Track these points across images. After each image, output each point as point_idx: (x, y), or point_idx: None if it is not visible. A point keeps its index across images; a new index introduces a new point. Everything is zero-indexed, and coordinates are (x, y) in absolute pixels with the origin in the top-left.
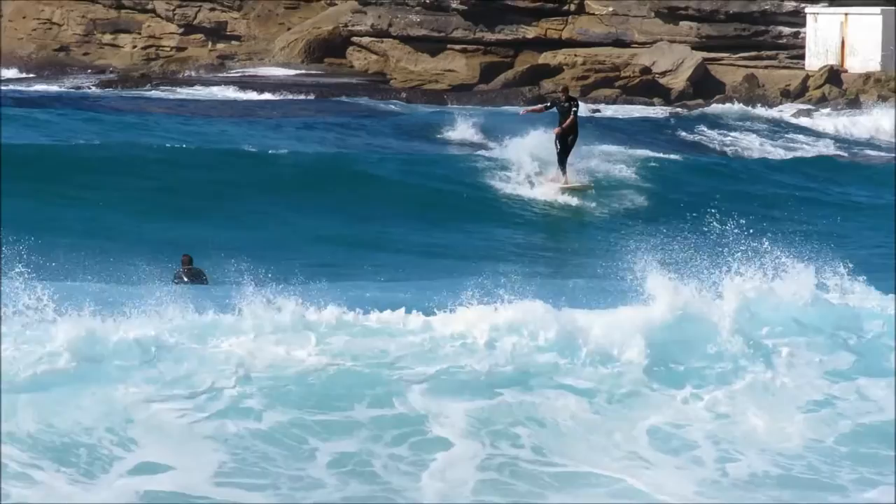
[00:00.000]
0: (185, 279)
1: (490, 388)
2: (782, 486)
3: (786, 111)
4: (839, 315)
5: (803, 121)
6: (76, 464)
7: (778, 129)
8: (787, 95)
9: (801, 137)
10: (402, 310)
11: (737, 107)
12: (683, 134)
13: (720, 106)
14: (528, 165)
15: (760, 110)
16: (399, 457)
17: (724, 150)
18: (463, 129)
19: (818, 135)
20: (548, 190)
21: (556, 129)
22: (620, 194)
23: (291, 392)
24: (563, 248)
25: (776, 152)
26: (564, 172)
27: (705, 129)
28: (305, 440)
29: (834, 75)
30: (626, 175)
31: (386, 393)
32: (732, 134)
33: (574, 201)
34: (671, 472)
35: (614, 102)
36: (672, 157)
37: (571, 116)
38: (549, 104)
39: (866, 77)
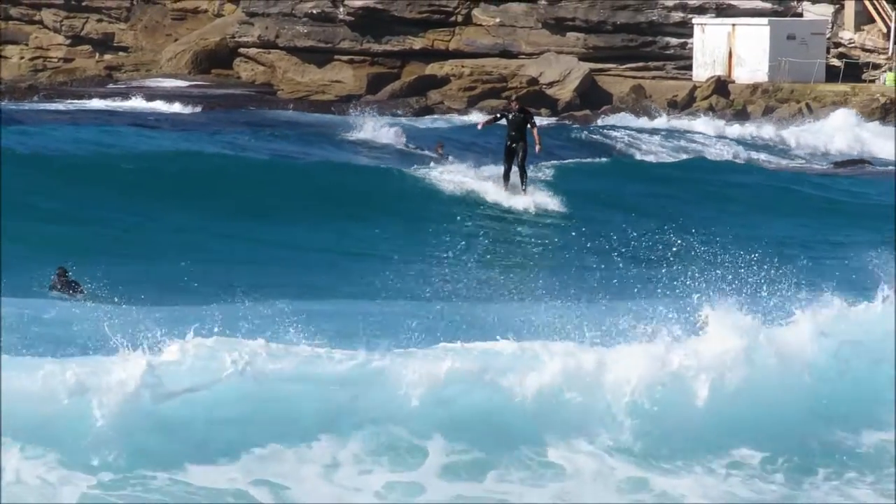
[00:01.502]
0: (59, 288)
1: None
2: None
3: (678, 120)
4: None
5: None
6: None
7: (675, 136)
8: (675, 106)
9: (703, 142)
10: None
11: (630, 117)
12: (591, 140)
13: (612, 116)
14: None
15: (657, 121)
16: None
17: (630, 154)
18: (372, 134)
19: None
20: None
21: (537, 148)
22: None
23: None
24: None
25: (679, 156)
26: (506, 182)
27: (610, 134)
28: None
29: (721, 86)
30: (551, 181)
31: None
32: (636, 140)
33: (516, 206)
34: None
35: None
36: (591, 161)
37: (535, 130)
38: (498, 115)
39: (754, 87)
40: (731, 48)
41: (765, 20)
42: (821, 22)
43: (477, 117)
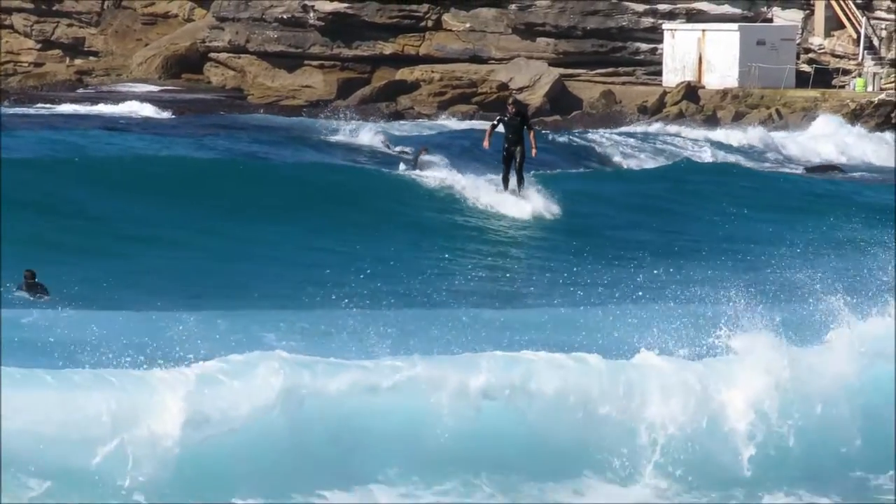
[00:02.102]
0: (25, 290)
1: None
2: None
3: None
4: None
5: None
6: None
7: (660, 141)
8: (645, 111)
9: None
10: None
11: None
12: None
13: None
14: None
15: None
16: None
17: (613, 160)
18: (356, 138)
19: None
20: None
21: (533, 152)
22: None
23: None
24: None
25: (660, 161)
26: (506, 187)
27: (586, 142)
28: None
29: (691, 91)
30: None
31: None
32: (619, 145)
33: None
34: None
35: (471, 118)
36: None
37: (532, 134)
38: (496, 122)
39: (724, 93)
40: (701, 54)
41: (735, 26)
42: (791, 28)
43: (448, 121)
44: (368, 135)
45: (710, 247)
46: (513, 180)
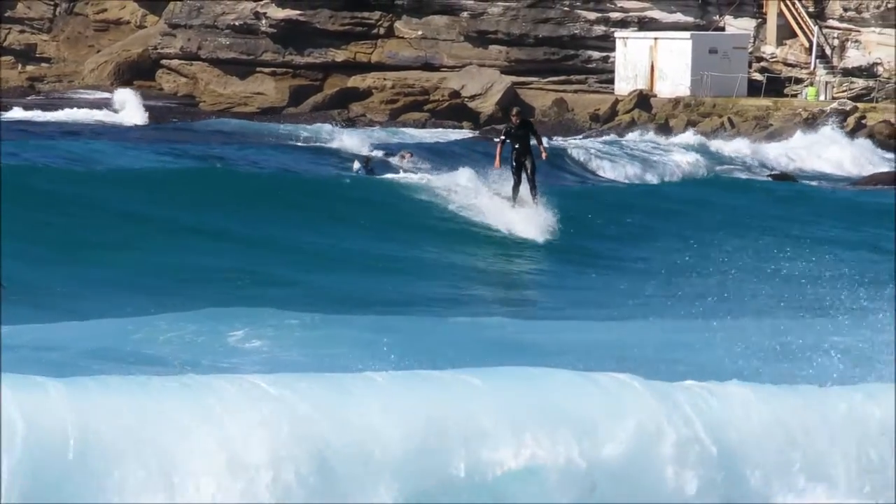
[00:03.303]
0: None
1: None
2: None
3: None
4: None
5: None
6: None
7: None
8: (597, 119)
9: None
10: None
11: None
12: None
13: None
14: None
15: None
16: None
17: (589, 170)
18: (335, 143)
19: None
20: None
21: (543, 155)
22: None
23: None
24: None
25: (642, 174)
26: (515, 197)
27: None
28: None
29: (643, 100)
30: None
31: None
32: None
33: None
34: None
35: (423, 126)
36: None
37: (541, 144)
38: (503, 137)
39: (676, 102)
40: (654, 62)
41: (687, 34)
42: (743, 36)
43: (411, 130)
44: (350, 140)
45: (715, 261)
46: (524, 189)
